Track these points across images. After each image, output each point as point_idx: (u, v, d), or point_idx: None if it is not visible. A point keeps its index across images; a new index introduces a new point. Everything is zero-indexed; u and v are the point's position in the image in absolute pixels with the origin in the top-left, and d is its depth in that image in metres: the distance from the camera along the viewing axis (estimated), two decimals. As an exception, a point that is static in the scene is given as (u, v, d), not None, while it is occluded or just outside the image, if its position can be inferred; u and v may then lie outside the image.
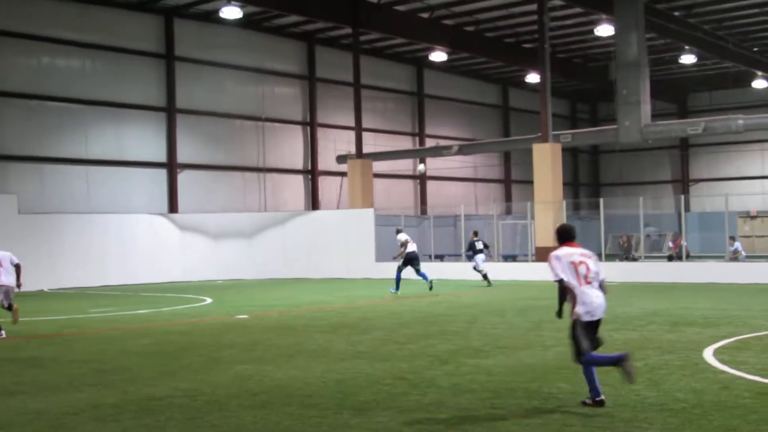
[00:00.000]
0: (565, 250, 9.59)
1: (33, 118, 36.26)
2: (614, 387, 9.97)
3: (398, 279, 28.07)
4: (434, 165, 52.06)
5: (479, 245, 32.40)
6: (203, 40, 41.95)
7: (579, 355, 9.24)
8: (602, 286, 9.53)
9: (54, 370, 12.76)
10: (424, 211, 48.50)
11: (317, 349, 14.35)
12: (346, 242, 39.16)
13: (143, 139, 39.90)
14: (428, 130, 53.46)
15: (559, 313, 9.74)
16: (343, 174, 46.66)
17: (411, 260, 27.81)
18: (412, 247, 27.99)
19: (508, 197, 58.25)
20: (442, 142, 49.57)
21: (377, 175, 46.43)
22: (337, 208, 46.59)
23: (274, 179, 45.27)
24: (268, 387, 10.74)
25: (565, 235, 9.89)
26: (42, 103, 36.60)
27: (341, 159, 46.57)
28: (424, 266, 28.79)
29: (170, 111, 40.53)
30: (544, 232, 36.25)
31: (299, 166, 46.70)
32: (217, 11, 38.85)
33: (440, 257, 41.28)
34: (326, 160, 47.28)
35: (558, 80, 52.44)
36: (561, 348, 13.72)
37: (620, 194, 59.37)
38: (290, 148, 46.21)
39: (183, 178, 41.04)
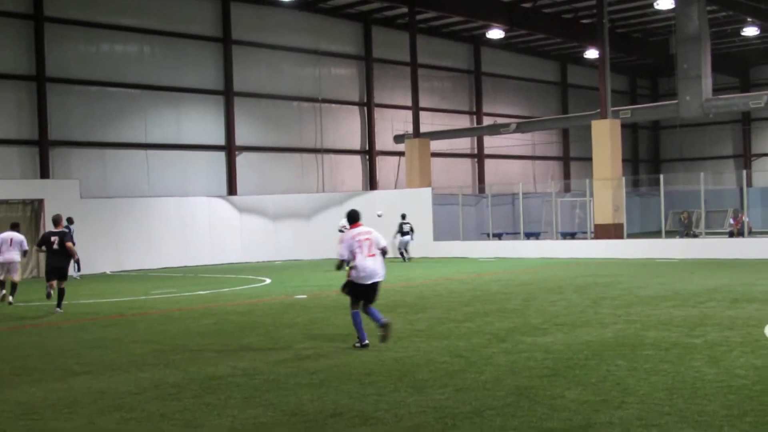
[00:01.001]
0: (352, 232, 13.00)
1: (94, 105, 36.78)
2: (673, 363, 9.90)
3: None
4: (492, 143, 51.87)
5: (406, 228, 36.34)
6: (260, 22, 42.14)
7: (351, 300, 12.90)
8: (383, 251, 13.06)
9: (117, 351, 12.97)
10: (482, 190, 48.31)
11: (374, 327, 14.37)
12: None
13: (202, 123, 40.26)
14: (486, 109, 53.18)
15: (339, 267, 13.28)
16: (400, 154, 46.66)
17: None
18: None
19: (566, 175, 57.82)
20: (500, 120, 49.26)
21: (435, 154, 46.34)
22: (395, 187, 46.62)
23: (332, 160, 45.41)
24: (325, 365, 10.81)
25: (353, 218, 13.41)
26: (102, 89, 37.10)
27: (398, 139, 46.57)
28: (483, 245, 28.69)
29: (228, 94, 40.83)
30: (603, 209, 35.95)
31: (357, 146, 46.78)
32: (272, -6, 38.99)
33: (498, 236, 41.14)
34: (384, 140, 47.31)
35: (617, 55, 51.77)
36: (620, 325, 13.64)
37: (681, 170, 58.64)
38: (348, 128, 46.31)
39: (241, 160, 41.36)
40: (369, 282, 12.79)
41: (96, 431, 7.86)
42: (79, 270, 30.88)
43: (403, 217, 36.60)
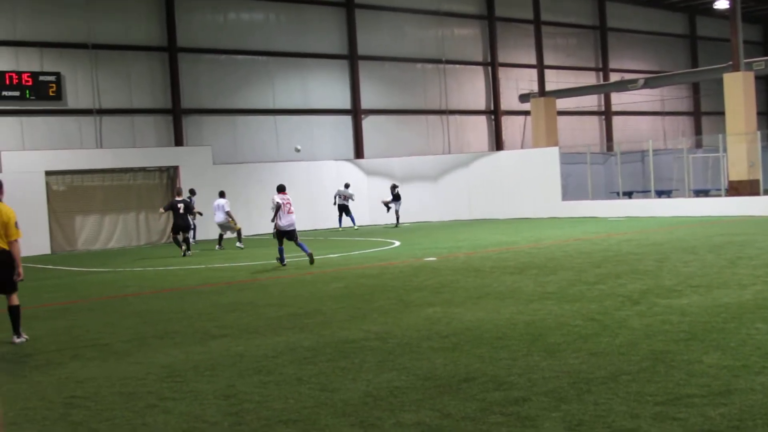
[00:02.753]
0: (280, 196, 21.21)
1: (222, 73, 37.57)
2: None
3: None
4: (620, 100, 50.83)
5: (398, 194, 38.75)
6: (382, -15, 42.21)
7: (279, 242, 21.09)
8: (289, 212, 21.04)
9: (252, 314, 13.30)
10: (610, 148, 47.49)
11: (505, 290, 14.36)
12: (530, 182, 38.82)
13: (327, 87, 40.66)
14: (612, 65, 52.11)
15: (273, 219, 21.11)
16: (526, 113, 46.22)
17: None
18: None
19: (697, 130, 56.25)
20: (627, 76, 48.22)
21: (561, 113, 45.72)
22: (521, 147, 46.24)
23: (457, 121, 45.29)
24: (457, 329, 10.84)
25: (280, 188, 21.60)
26: (230, 57, 37.84)
27: (524, 98, 46.11)
28: (613, 204, 28.24)
29: (352, 58, 41.08)
30: (737, 165, 34.89)
31: (482, 107, 46.52)
32: (395, -44, 38.98)
33: (628, 194, 40.39)
34: (509, 100, 46.91)
35: (748, 4, 49.92)
36: (759, 286, 13.27)
37: (820, 122, 56.34)
38: (472, 89, 46.07)
39: (367, 123, 41.64)
40: (289, 229, 21.11)
41: (236, 394, 8.07)
42: (194, 237, 31.82)
43: (395, 187, 38.78)
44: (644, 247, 21.51)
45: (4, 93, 32.48)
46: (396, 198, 38.33)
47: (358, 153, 41.36)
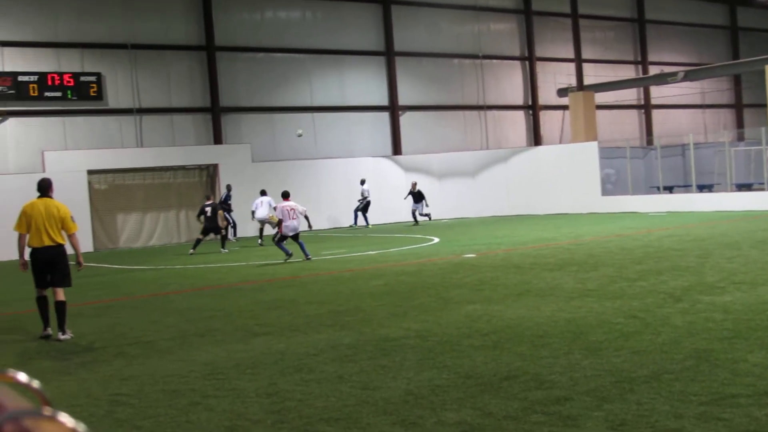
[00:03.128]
0: (283, 204, 22.28)
1: (260, 71, 37.74)
2: None
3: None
4: (659, 93, 50.43)
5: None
6: (418, -19, 42.18)
7: (279, 241, 22.27)
8: (306, 216, 22.54)
9: (293, 312, 13.36)
10: (650, 142, 47.11)
11: (545, 287, 14.31)
12: (569, 177, 38.62)
13: (365, 84, 40.71)
14: (651, 57, 51.68)
15: (278, 224, 22.36)
16: (564, 107, 45.99)
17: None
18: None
19: (739, 123, 55.65)
20: (667, 69, 47.80)
21: (600, 107, 45.45)
22: (560, 142, 46.02)
23: (495, 116, 45.17)
24: (498, 327, 10.82)
25: (285, 195, 22.90)
26: (268, 55, 38.00)
27: (562, 92, 45.87)
28: (653, 199, 28.02)
29: (389, 54, 41.09)
30: (780, 158, 34.47)
31: (519, 101, 46.35)
32: (431, -49, 38.97)
33: (669, 189, 40.04)
34: (547, 95, 46.70)
35: (792, -4, 49.33)
36: (802, 282, 13.12)
37: None
38: (510, 84, 45.92)
39: (405, 119, 41.64)
40: (291, 233, 22.10)
41: (278, 391, 8.12)
42: (235, 234, 32.12)
43: (415, 185, 37.22)
44: (686, 242, 21.32)
45: (47, 94, 32.85)
46: (417, 198, 36.97)
47: (396, 149, 41.38)
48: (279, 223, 22.13)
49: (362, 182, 36.88)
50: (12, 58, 32.63)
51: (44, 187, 12.59)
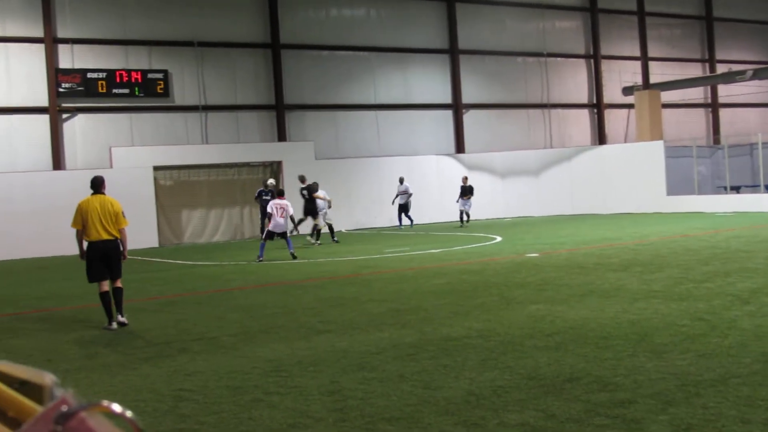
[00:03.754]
0: (274, 201, 23.64)
1: (324, 68, 37.91)
2: None
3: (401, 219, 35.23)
4: (727, 92, 49.58)
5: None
6: (483, -22, 42.03)
7: (265, 238, 23.68)
8: (291, 218, 23.76)
9: (355, 310, 13.40)
10: (717, 141, 46.38)
11: (609, 288, 14.17)
12: (634, 176, 38.19)
13: (428, 82, 40.68)
14: (719, 55, 50.83)
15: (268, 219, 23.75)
16: (629, 106, 45.48)
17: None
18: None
19: (811, 122, 54.49)
20: (735, 67, 46.99)
21: (666, 105, 44.87)
22: (625, 141, 45.53)
23: (559, 115, 44.84)
24: (560, 328, 10.73)
25: (280, 193, 24.47)
26: (332, 53, 38.16)
27: (627, 90, 45.38)
28: (720, 199, 27.59)
29: (453, 52, 41.02)
30: None
31: (584, 100, 45.95)
32: (496, -51, 38.84)
33: (736, 189, 39.39)
34: (612, 93, 46.24)
35: None
36: None
37: None
38: (574, 82, 45.54)
39: (468, 118, 41.54)
40: (279, 231, 23.38)
41: (340, 390, 8.15)
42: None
43: (466, 179, 35.68)
44: (754, 243, 20.95)
45: (115, 90, 33.36)
46: (465, 192, 35.20)
47: (459, 148, 41.28)
48: (269, 218, 23.55)
49: (401, 180, 35.71)
50: (82, 56, 33.18)
51: (97, 184, 13.47)
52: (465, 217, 34.88)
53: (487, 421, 6.78)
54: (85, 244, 13.16)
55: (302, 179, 29.85)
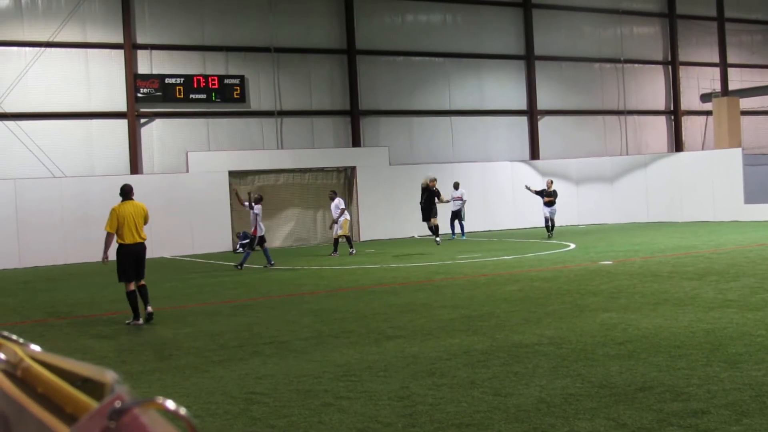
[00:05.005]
0: (257, 208, 24.13)
1: (399, 74, 38.04)
2: None
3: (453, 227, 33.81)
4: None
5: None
6: (560, -16, 41.81)
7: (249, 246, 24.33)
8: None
9: (426, 316, 13.41)
10: (798, 149, 45.42)
11: (683, 297, 13.99)
12: (711, 184, 37.55)
13: (503, 88, 40.56)
14: (801, 62, 49.82)
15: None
16: (707, 113, 44.77)
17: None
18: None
19: None
20: (818, 74, 46.02)
21: (744, 113, 44.07)
22: (702, 148, 44.83)
23: (635, 121, 44.34)
24: (633, 336, 10.63)
25: (259, 199, 24.53)
26: (407, 59, 38.26)
27: (705, 97, 44.69)
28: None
29: (529, 59, 40.83)
30: None
31: (661, 106, 45.37)
32: (573, -46, 38.67)
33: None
34: (689, 100, 45.58)
35: None
36: None
37: None
38: (651, 88, 44.99)
39: (543, 124, 41.30)
40: (261, 234, 24.28)
41: (410, 395, 8.17)
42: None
43: (551, 183, 32.67)
44: (835, 254, 20.48)
45: (192, 96, 33.86)
46: (546, 195, 31.98)
47: (534, 154, 41.06)
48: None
49: (456, 186, 34.21)
50: (160, 61, 33.77)
51: (127, 191, 14.59)
52: (550, 225, 31.78)
53: (557, 429, 6.76)
54: (115, 247, 14.35)
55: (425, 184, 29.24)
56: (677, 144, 45.22)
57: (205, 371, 9.92)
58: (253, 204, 24.50)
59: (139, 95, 33.13)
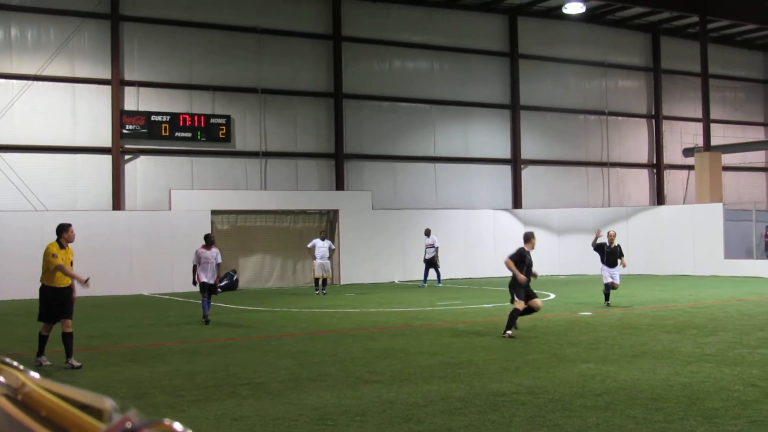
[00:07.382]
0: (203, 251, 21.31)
1: (385, 119, 38.22)
2: None
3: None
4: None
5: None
6: (546, 36, 42.20)
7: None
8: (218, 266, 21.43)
9: (404, 361, 13.38)
10: (777, 205, 45.75)
11: (662, 350, 14.02)
12: (692, 238, 37.76)
13: (488, 136, 40.79)
14: (782, 120, 50.36)
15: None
16: (689, 167, 45.10)
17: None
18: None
19: None
20: (799, 132, 46.47)
21: (726, 168, 44.41)
22: (684, 202, 45.10)
23: (618, 174, 44.62)
24: (611, 388, 10.64)
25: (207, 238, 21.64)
26: (393, 104, 38.48)
27: (688, 152, 45.06)
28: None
29: (514, 108, 41.13)
30: None
31: (644, 160, 45.70)
32: (559, 7, 39.21)
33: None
34: (672, 154, 45.96)
35: None
36: None
37: None
38: (635, 141, 45.36)
39: (527, 173, 41.50)
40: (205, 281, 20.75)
41: (386, 441, 8.14)
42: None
43: (613, 236, 25.25)
44: (813, 311, 20.57)
45: (177, 134, 33.89)
46: (612, 255, 24.66)
47: (516, 203, 41.20)
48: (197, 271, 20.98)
49: (428, 233, 33.49)
50: (147, 98, 33.82)
51: (61, 231, 15.05)
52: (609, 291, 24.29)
53: (531, 479, 6.73)
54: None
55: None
56: (659, 197, 45.50)
57: (180, 411, 9.85)
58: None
59: (125, 131, 33.14)
